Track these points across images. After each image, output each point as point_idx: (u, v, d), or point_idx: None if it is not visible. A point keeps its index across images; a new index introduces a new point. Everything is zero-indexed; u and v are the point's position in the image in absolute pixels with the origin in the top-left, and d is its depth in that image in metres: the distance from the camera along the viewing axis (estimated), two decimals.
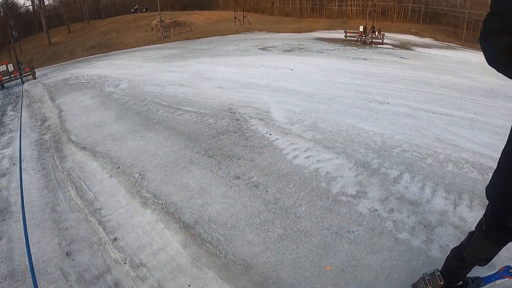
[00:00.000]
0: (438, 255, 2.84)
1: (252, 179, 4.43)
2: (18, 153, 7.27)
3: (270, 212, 3.71)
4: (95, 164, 6.02)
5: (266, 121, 6.73)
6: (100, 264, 3.51)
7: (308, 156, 4.88)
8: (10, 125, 10.23)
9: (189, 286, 2.90)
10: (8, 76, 20.80)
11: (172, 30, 39.36)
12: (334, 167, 4.46)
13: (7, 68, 21.27)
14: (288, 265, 2.93)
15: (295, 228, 3.38)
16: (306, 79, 11.25)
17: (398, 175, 4.23)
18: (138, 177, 5.18)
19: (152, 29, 41.05)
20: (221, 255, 3.15)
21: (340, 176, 4.24)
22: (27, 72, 21.16)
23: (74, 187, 5.35)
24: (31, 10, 48.48)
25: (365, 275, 2.73)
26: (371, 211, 3.55)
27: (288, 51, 22.04)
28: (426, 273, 2.32)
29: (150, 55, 24.26)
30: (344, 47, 24.63)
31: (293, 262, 2.95)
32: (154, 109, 8.87)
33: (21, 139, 8.31)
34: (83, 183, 5.43)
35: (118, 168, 5.66)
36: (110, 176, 5.47)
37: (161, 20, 40.18)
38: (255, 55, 20.05)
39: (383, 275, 2.70)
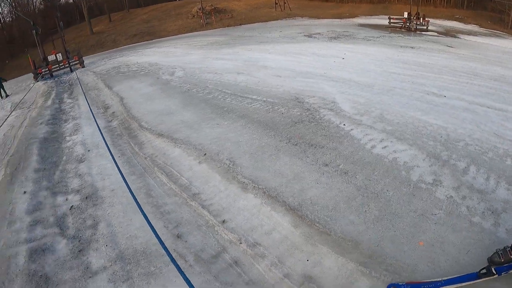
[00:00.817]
0: (504, 236, 3.32)
1: (340, 167, 4.77)
2: (89, 140, 7.60)
3: (363, 196, 4.12)
4: (178, 150, 6.19)
5: (336, 112, 6.84)
6: (214, 244, 3.88)
7: (385, 147, 5.21)
8: (71, 112, 10.73)
9: (307, 260, 3.33)
10: (57, 65, 21.81)
11: (214, 17, 39.74)
12: (409, 158, 4.84)
13: (56, 57, 22.36)
14: (389, 241, 3.39)
15: (388, 210, 3.82)
16: (360, 69, 11.20)
17: (465, 167, 4.56)
18: (229, 164, 5.37)
19: (193, 16, 41.69)
20: (331, 233, 3.57)
21: (417, 166, 4.63)
22: (75, 61, 22.08)
23: (163, 173, 5.53)
24: (71, 1, 50.74)
25: (450, 250, 3.22)
26: (447, 197, 3.97)
27: (334, 38, 21.87)
28: (499, 249, 2.82)
29: (195, 43, 24.67)
30: (389, 34, 24.08)
31: (392, 239, 3.42)
32: (220, 97, 8.98)
33: (88, 126, 8.69)
34: (172, 169, 5.61)
35: (205, 155, 5.81)
36: (199, 163, 5.65)
37: (202, 7, 40.68)
38: (303, 43, 19.96)
39: (464, 250, 3.21)
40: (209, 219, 4.30)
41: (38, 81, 22.07)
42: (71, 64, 21.96)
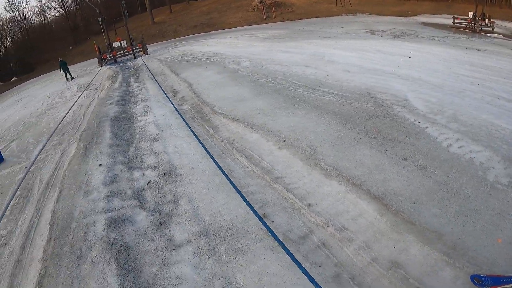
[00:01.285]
0: None
1: (418, 162, 4.82)
2: (162, 121, 7.81)
3: (443, 191, 4.18)
4: (255, 135, 6.22)
5: (409, 109, 6.71)
6: (301, 226, 3.92)
7: (461, 146, 5.22)
8: (139, 95, 11.12)
9: (394, 247, 3.44)
10: (122, 52, 22.80)
11: (274, 11, 39.85)
12: (485, 159, 4.84)
13: (121, 44, 23.44)
14: (469, 236, 3.48)
15: (467, 206, 3.89)
16: (428, 69, 10.73)
17: None
18: (310, 151, 5.37)
19: (253, 9, 42.08)
20: (416, 223, 3.67)
21: (492, 167, 4.63)
22: (139, 48, 22.96)
23: (243, 156, 5.56)
24: None
25: None
26: None
27: (398, 36, 21.13)
28: None
29: (257, 35, 24.84)
30: (453, 35, 22.81)
31: (472, 233, 3.50)
32: (291, 88, 8.93)
33: (159, 108, 8.94)
34: (251, 153, 5.62)
35: (284, 141, 5.80)
36: (280, 148, 5.64)
37: (262, 1, 40.95)
38: (366, 39, 19.47)
39: None
40: (294, 201, 4.36)
41: (102, 66, 23.22)
42: (135, 51, 22.86)
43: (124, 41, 23.38)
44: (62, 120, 9.66)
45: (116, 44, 23.46)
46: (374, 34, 22.16)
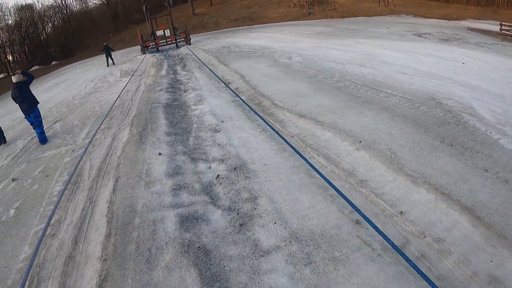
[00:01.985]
0: None
1: (499, 174, 4.49)
2: (219, 111, 7.43)
3: None
4: (328, 134, 5.71)
5: (478, 118, 6.22)
6: (397, 235, 3.57)
7: None
8: (189, 84, 10.77)
9: (491, 261, 3.18)
10: (164, 40, 22.69)
11: (317, 8, 39.10)
12: None
13: (164, 33, 23.33)
14: None
15: None
16: (484, 77, 10.01)
17: None
18: (391, 155, 4.92)
19: (295, 5, 41.43)
20: (508, 238, 3.39)
21: None
22: (182, 38, 22.78)
23: (320, 155, 5.07)
24: None
25: None
26: None
27: (445, 40, 20.07)
28: None
29: (301, 31, 24.26)
30: (501, 42, 21.45)
31: None
32: (351, 87, 8.37)
33: (213, 98, 8.57)
34: (328, 152, 5.12)
35: (360, 142, 5.30)
36: (357, 149, 5.14)
37: None
38: (414, 42, 18.60)
39: None
40: (385, 208, 3.94)
41: (145, 53, 23.18)
42: (177, 40, 22.70)
43: (168, 30, 23.27)
44: (113, 104, 9.46)
45: (159, 33, 23.38)
46: (422, 37, 21.26)
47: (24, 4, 67.81)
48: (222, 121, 6.84)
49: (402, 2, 40.91)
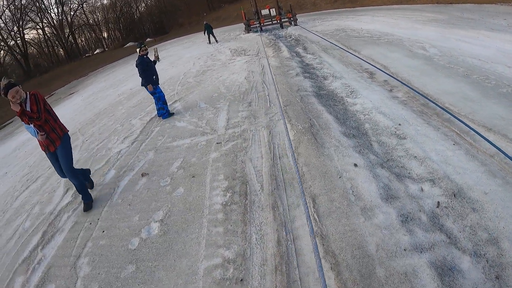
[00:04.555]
0: None
1: None
2: (386, 109, 6.07)
3: None
4: None
5: None
6: None
7: None
8: (323, 69, 9.54)
9: None
10: (270, 20, 21.63)
11: None
12: None
13: (269, 12, 22.19)
14: None
15: None
16: None
17: None
18: None
19: None
20: None
21: None
22: (287, 18, 21.57)
23: None
24: None
25: None
26: None
27: None
28: None
29: (413, 16, 21.70)
30: None
31: None
32: None
33: (368, 90, 7.23)
34: None
35: None
36: None
37: None
38: None
39: None
40: None
41: (249, 32, 22.32)
42: (283, 21, 21.54)
43: (274, 9, 22.14)
44: (251, 88, 8.53)
45: (264, 12, 22.33)
46: None
47: None
48: (399, 124, 5.44)
49: None
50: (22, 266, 4.34)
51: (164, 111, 8.35)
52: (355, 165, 4.39)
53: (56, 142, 4.74)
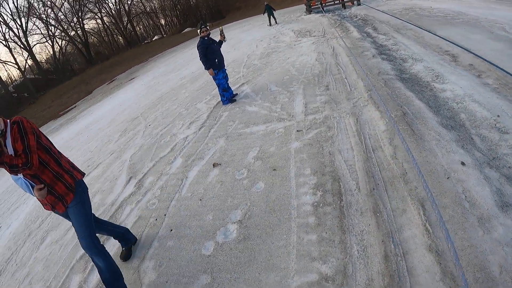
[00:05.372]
0: None
1: None
2: (478, 98, 5.62)
3: None
4: None
5: None
6: None
7: None
8: (400, 51, 9.05)
9: None
10: (332, 0, 21.07)
11: None
12: None
13: None
14: None
15: None
16: None
17: None
18: None
19: None
20: None
21: None
22: None
23: None
24: None
25: None
26: None
27: None
28: None
29: None
30: None
31: None
32: None
33: (454, 75, 6.75)
34: None
35: None
36: None
37: None
38: None
39: None
40: None
41: (310, 13, 21.85)
42: (345, 0, 20.88)
43: None
44: (325, 70, 8.32)
45: None
46: None
47: None
48: (498, 116, 4.91)
49: None
50: (80, 262, 4.14)
51: (224, 98, 8.17)
52: (463, 163, 3.94)
53: (67, 197, 3.08)
